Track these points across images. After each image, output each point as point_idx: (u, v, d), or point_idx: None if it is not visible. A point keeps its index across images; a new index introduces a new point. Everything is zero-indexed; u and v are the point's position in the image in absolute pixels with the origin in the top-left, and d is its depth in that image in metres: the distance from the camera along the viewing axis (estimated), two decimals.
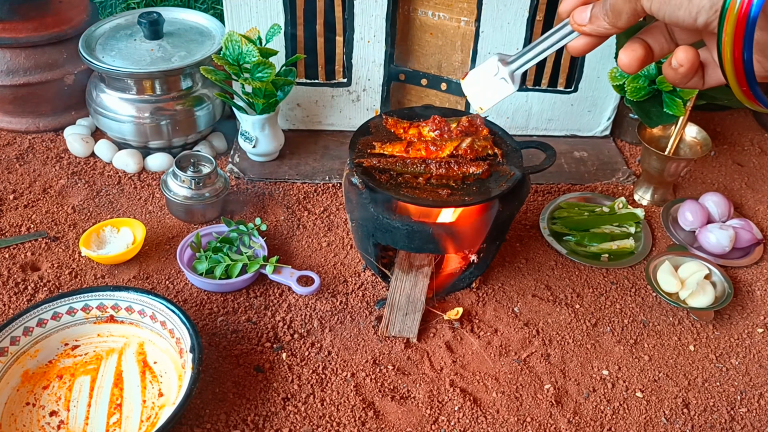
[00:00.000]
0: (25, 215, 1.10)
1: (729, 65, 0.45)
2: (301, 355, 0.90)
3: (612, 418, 0.85)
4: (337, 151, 1.28)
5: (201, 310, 0.96)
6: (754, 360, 0.94)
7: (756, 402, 0.89)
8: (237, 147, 1.26)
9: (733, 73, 0.45)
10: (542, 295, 1.02)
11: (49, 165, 1.21)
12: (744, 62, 0.44)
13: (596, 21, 0.55)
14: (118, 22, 1.26)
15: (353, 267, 1.04)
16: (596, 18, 0.55)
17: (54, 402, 0.82)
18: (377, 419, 0.83)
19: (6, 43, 1.20)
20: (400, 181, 0.89)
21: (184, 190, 1.07)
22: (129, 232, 1.04)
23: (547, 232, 1.11)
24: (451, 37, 1.22)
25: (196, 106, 1.20)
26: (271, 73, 1.08)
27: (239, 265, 0.98)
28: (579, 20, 0.57)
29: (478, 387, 0.88)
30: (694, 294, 0.99)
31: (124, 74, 1.14)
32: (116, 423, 0.80)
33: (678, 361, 0.93)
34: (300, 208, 1.15)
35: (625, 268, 1.07)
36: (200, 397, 0.84)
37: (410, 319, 0.94)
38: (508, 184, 0.89)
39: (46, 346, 0.87)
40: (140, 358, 0.88)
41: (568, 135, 1.36)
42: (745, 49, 0.43)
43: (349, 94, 1.28)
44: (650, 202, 1.21)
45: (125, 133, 1.19)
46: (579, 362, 0.92)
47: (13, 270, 1.00)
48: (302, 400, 0.85)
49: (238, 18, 1.17)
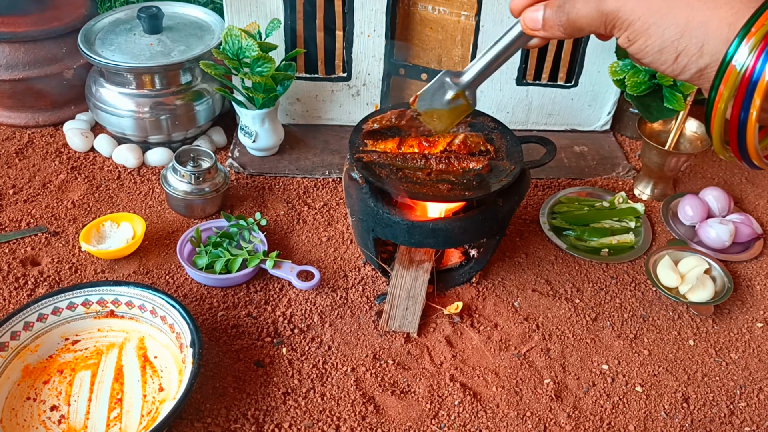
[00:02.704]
0: (25, 210, 1.10)
1: (719, 118, 0.45)
2: (301, 349, 0.91)
3: (612, 413, 0.86)
4: (337, 146, 1.28)
5: (201, 305, 0.96)
6: (753, 354, 0.94)
7: (755, 396, 0.89)
8: (237, 142, 1.26)
9: (721, 126, 0.45)
10: (542, 289, 1.02)
11: (48, 160, 1.21)
12: (739, 121, 0.45)
13: (550, 30, 0.53)
14: (117, 16, 1.26)
15: (353, 262, 1.04)
16: (550, 27, 0.53)
17: (55, 396, 0.82)
18: (377, 413, 0.83)
19: (5, 38, 1.19)
20: (401, 176, 0.89)
21: (183, 184, 1.07)
22: (129, 227, 1.04)
23: (547, 227, 1.11)
24: (451, 31, 1.22)
25: (196, 100, 1.20)
26: (271, 68, 1.08)
27: (239, 260, 0.98)
28: (531, 25, 0.55)
29: (478, 381, 0.88)
30: (693, 289, 0.99)
31: (124, 69, 1.14)
32: (117, 417, 0.80)
33: (678, 356, 0.93)
34: (300, 202, 1.15)
35: (625, 262, 1.07)
36: (200, 392, 0.84)
37: (410, 314, 0.94)
38: (508, 179, 0.89)
39: (47, 341, 0.87)
40: (140, 353, 0.88)
41: (568, 130, 1.36)
42: (743, 109, 0.44)
43: (348, 88, 1.27)
44: (650, 197, 1.21)
45: (125, 127, 1.19)
46: (579, 357, 0.92)
47: (13, 265, 1.00)
48: (302, 395, 0.85)
49: (237, 12, 1.17)
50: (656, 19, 0.46)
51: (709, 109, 0.45)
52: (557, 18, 0.52)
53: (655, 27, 0.46)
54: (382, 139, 0.93)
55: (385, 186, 0.87)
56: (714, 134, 0.46)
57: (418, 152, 0.91)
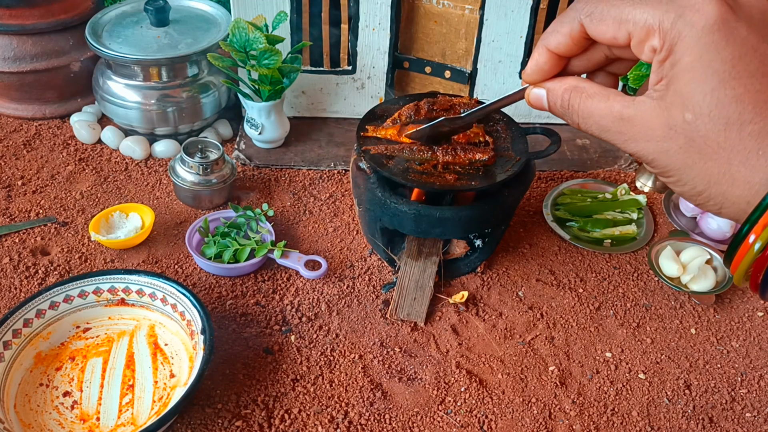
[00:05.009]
0: (34, 201, 1.11)
1: (749, 258, 0.41)
2: (309, 337, 0.92)
3: (615, 399, 0.87)
4: (342, 138, 1.29)
5: (210, 293, 0.97)
6: (754, 343, 0.96)
7: (756, 383, 0.91)
8: (243, 134, 1.27)
9: (748, 265, 0.41)
10: (546, 279, 1.03)
11: (56, 151, 1.22)
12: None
13: (558, 115, 0.48)
14: (124, 9, 1.27)
15: (359, 252, 1.06)
16: (557, 113, 0.48)
17: (67, 383, 0.84)
18: (385, 400, 0.85)
19: (13, 30, 1.20)
20: (408, 167, 0.90)
21: (191, 175, 1.08)
22: (137, 217, 1.05)
23: (551, 218, 1.13)
24: (455, 24, 1.23)
25: (203, 93, 1.21)
26: (278, 60, 1.09)
27: (248, 250, 1.00)
28: (535, 104, 0.50)
29: (483, 369, 0.90)
30: (695, 278, 1.00)
31: (131, 61, 1.15)
32: (129, 403, 0.82)
33: (680, 344, 0.95)
34: (306, 194, 1.16)
35: (628, 253, 1.09)
36: (211, 378, 0.85)
37: (418, 303, 0.95)
38: (513, 169, 0.90)
39: (59, 329, 0.88)
40: (151, 340, 0.89)
41: None
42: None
43: (353, 81, 1.29)
44: (652, 189, 1.22)
45: (132, 119, 1.20)
46: (583, 345, 0.94)
47: (24, 254, 1.01)
48: (311, 381, 0.86)
49: (244, 5, 1.18)
50: (678, 175, 0.42)
51: (737, 243, 0.41)
52: (566, 117, 0.47)
53: (675, 179, 0.43)
54: (383, 126, 0.95)
55: (392, 176, 0.88)
56: (740, 270, 0.42)
57: (425, 146, 0.92)
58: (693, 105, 0.40)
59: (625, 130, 0.43)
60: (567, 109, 0.47)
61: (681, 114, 0.40)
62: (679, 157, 0.41)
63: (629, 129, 0.43)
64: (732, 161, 0.39)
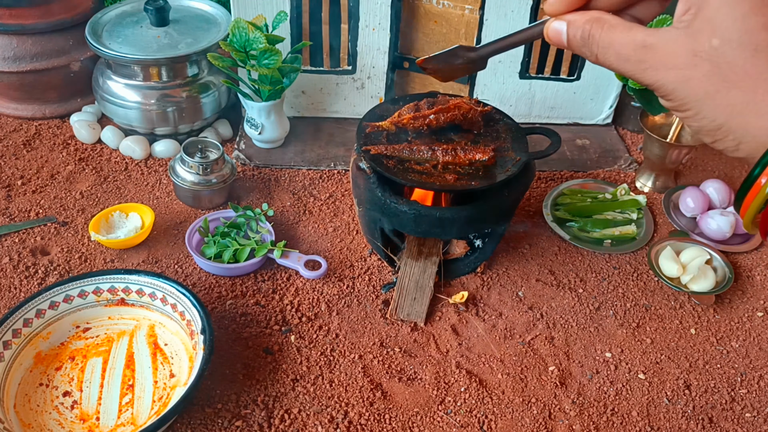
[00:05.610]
0: (34, 200, 1.11)
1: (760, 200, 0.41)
2: (309, 337, 0.92)
3: (615, 399, 0.87)
4: (342, 139, 1.29)
5: (210, 293, 0.97)
6: (753, 343, 0.96)
7: (756, 383, 0.91)
8: (243, 134, 1.27)
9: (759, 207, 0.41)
10: (546, 279, 1.03)
11: (56, 151, 1.22)
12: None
13: (575, 48, 0.47)
14: (124, 8, 1.27)
15: (359, 252, 1.06)
16: (574, 47, 0.47)
17: (67, 383, 0.84)
18: (385, 400, 0.85)
19: (13, 30, 1.20)
20: (408, 167, 0.90)
21: (191, 175, 1.08)
22: (137, 217, 1.05)
23: (551, 219, 1.13)
24: (455, 25, 1.23)
25: (203, 92, 1.21)
26: (278, 60, 1.09)
27: (247, 250, 1.00)
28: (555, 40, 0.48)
29: (483, 369, 0.90)
30: (695, 279, 1.00)
31: (131, 61, 1.15)
32: (129, 403, 0.82)
33: (679, 344, 0.95)
34: (306, 194, 1.16)
35: (628, 253, 1.09)
36: (211, 378, 0.85)
37: (418, 303, 0.95)
38: (513, 169, 0.90)
39: (58, 329, 0.88)
40: (151, 340, 0.89)
41: (570, 123, 1.37)
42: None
43: (353, 81, 1.29)
44: (652, 189, 1.22)
45: (131, 119, 1.20)
46: (582, 345, 0.94)
47: (24, 254, 1.01)
48: (311, 381, 0.86)
49: (243, 5, 1.18)
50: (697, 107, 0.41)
51: (747, 185, 0.41)
52: (584, 48, 0.46)
53: (693, 112, 0.42)
54: (380, 120, 0.95)
55: (392, 176, 0.88)
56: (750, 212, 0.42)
57: (425, 146, 0.92)
58: (722, 31, 0.39)
59: (646, 58, 0.42)
60: (587, 40, 0.45)
61: (708, 40, 0.39)
62: (702, 86, 0.40)
63: (651, 57, 0.42)
64: (757, 90, 0.38)
